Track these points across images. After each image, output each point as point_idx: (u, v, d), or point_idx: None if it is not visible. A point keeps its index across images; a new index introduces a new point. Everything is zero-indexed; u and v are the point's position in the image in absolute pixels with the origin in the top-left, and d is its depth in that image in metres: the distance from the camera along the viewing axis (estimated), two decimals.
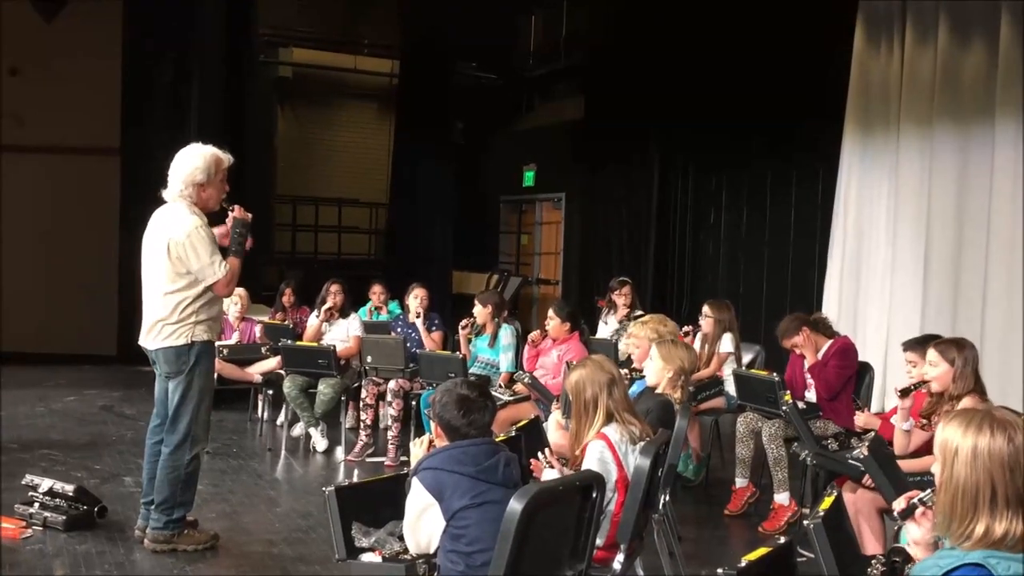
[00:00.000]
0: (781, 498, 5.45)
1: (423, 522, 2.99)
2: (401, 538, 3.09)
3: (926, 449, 4.29)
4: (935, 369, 4.31)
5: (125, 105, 10.64)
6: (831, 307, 8.15)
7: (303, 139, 14.62)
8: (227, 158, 4.75)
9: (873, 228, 7.94)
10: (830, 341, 5.73)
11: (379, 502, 3.32)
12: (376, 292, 8.24)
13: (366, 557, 3.10)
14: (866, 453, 3.99)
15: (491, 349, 6.88)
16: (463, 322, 7.02)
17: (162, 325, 4.61)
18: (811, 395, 5.66)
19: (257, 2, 10.88)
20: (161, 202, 4.72)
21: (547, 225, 13.94)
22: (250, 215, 4.84)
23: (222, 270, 4.60)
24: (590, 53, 11.94)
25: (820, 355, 5.67)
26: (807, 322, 5.75)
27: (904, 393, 4.39)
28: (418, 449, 3.29)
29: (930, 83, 7.48)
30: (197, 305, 4.62)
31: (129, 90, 10.64)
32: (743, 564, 2.38)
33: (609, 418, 3.64)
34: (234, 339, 7.69)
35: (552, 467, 3.43)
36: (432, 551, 3.02)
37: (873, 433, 4.78)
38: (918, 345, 4.68)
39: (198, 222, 4.59)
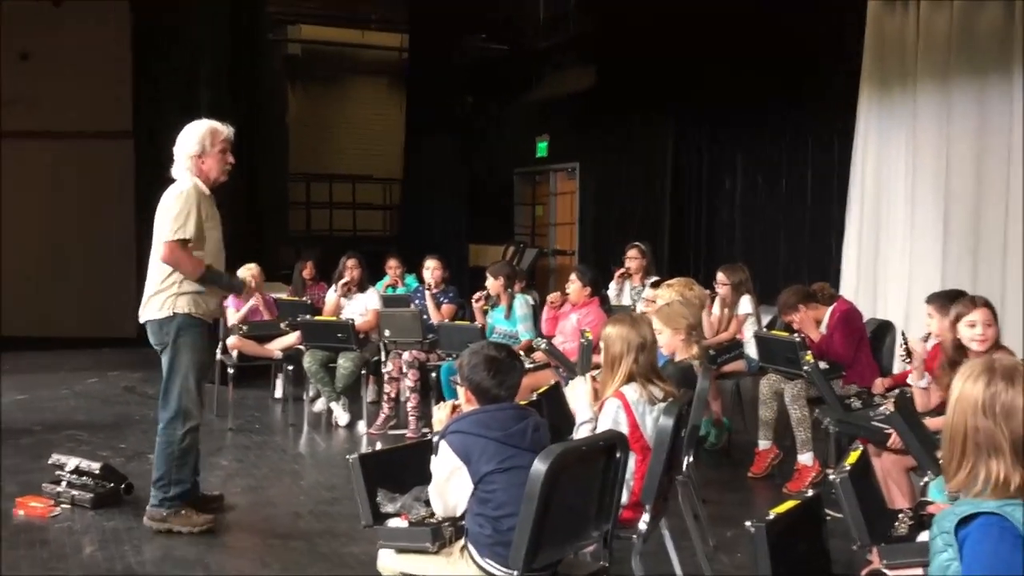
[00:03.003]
0: (805, 458, 5.44)
1: (451, 485, 2.99)
2: (427, 503, 3.09)
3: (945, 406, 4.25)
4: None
5: (136, 88, 10.65)
6: (850, 268, 8.09)
7: (314, 116, 14.59)
8: (225, 129, 4.72)
9: (891, 187, 7.85)
10: (830, 309, 5.68)
11: (403, 469, 3.32)
12: (392, 266, 8.23)
13: (392, 523, 3.11)
14: (892, 410, 3.96)
15: (507, 320, 6.87)
16: (476, 295, 7.02)
17: (148, 297, 4.62)
18: None
19: None
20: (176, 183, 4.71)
21: (562, 196, 13.88)
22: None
23: (177, 235, 4.46)
24: (600, 20, 11.81)
25: (824, 327, 5.63)
26: (804, 298, 5.68)
27: (907, 353, 4.35)
28: (441, 413, 3.28)
29: (947, 39, 7.36)
30: (180, 275, 4.55)
31: (140, 73, 10.64)
32: (771, 517, 2.37)
33: (630, 379, 3.64)
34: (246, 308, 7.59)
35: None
36: (459, 514, 3.03)
37: (898, 390, 4.74)
38: (938, 299, 4.62)
39: (185, 187, 4.56)
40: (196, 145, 4.64)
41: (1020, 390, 2.13)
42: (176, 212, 4.50)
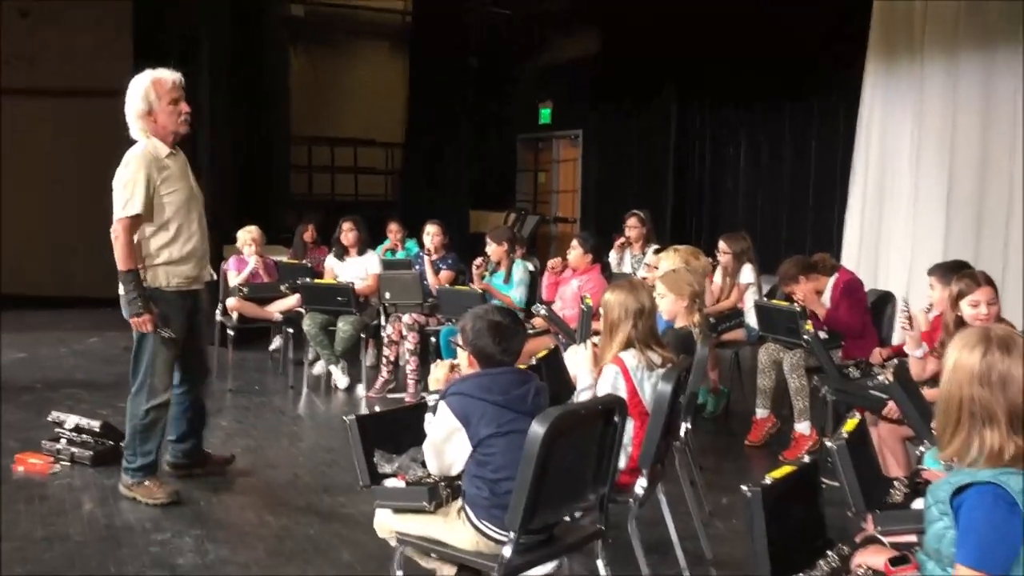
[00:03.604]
0: (802, 427, 5.46)
1: (448, 446, 3.00)
2: (423, 464, 3.10)
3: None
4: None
5: (137, 47, 10.54)
6: (852, 238, 8.07)
7: (316, 80, 14.44)
8: (170, 77, 4.40)
9: (896, 158, 7.81)
10: (832, 280, 5.66)
11: (400, 431, 3.33)
12: (393, 230, 8.21)
13: (389, 483, 3.12)
14: (890, 379, 3.96)
15: (507, 286, 6.86)
16: (477, 261, 7.00)
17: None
18: None
19: None
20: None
21: (564, 163, 13.82)
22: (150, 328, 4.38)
23: (125, 211, 4.26)
24: None
25: (827, 299, 5.61)
26: (804, 269, 5.64)
27: (909, 321, 4.34)
28: (439, 372, 3.28)
29: (955, 11, 7.29)
30: (149, 247, 4.37)
31: (140, 32, 10.53)
32: (767, 482, 2.38)
33: (629, 345, 3.64)
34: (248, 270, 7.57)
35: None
36: (454, 473, 3.04)
37: (896, 360, 4.74)
38: (940, 270, 4.60)
39: (133, 154, 4.35)
40: (141, 102, 4.37)
41: (1017, 359, 2.13)
42: (122, 185, 4.29)
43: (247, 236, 7.53)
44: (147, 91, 4.39)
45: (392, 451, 3.22)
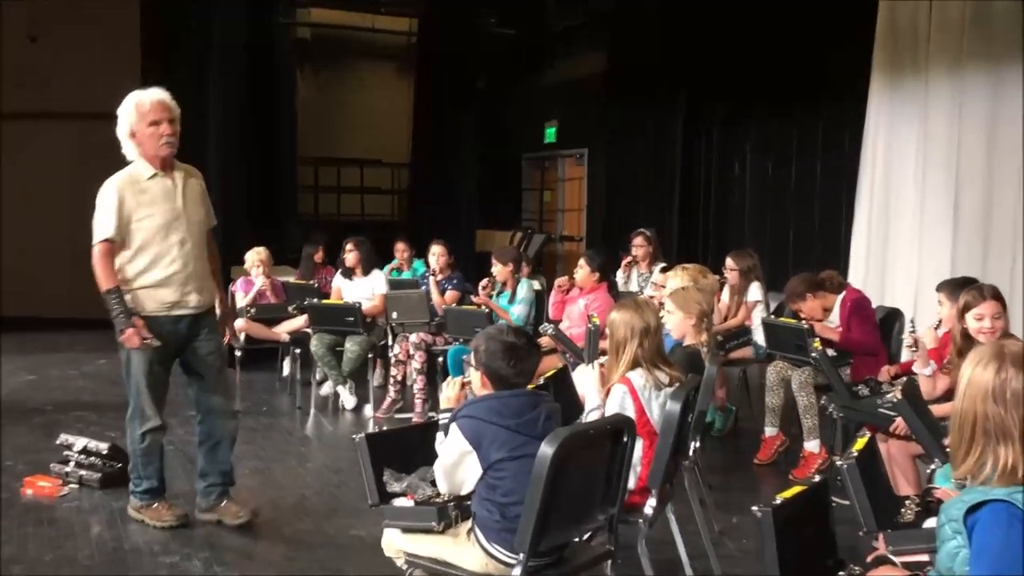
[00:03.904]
0: (811, 445, 5.43)
1: (459, 468, 2.98)
2: (433, 483, 3.09)
3: (952, 393, 4.23)
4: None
5: (145, 69, 10.61)
6: (859, 256, 8.05)
7: (323, 100, 14.53)
8: (150, 98, 4.28)
9: (902, 174, 7.80)
10: (839, 298, 5.65)
11: (409, 449, 3.34)
12: (400, 249, 8.23)
13: (398, 502, 3.11)
14: (899, 397, 3.95)
15: (510, 305, 6.87)
16: (483, 283, 7.00)
17: None
18: None
19: None
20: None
21: (570, 181, 13.85)
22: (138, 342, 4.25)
23: (98, 236, 4.25)
24: (612, 4, 11.75)
25: (835, 317, 5.60)
26: (812, 286, 5.64)
27: (914, 343, 4.33)
28: (450, 391, 3.26)
29: (959, 26, 7.30)
30: (126, 272, 4.30)
31: (149, 55, 10.60)
32: (778, 502, 2.37)
33: (636, 364, 3.64)
34: (255, 290, 7.60)
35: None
36: (464, 493, 3.03)
37: (906, 377, 4.72)
38: (949, 287, 4.60)
39: (111, 178, 4.30)
40: (124, 124, 4.31)
41: None
42: (97, 210, 4.26)
43: (255, 257, 7.57)
44: (129, 113, 4.31)
45: (401, 470, 3.22)
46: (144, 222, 4.28)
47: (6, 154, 10.43)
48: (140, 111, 4.29)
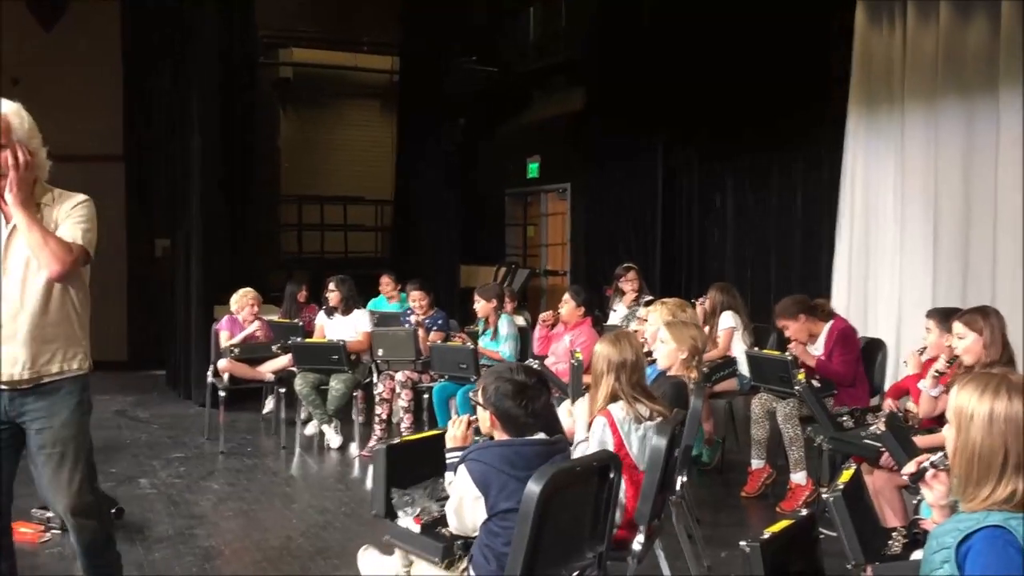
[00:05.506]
0: (798, 477, 5.44)
1: (468, 511, 2.96)
2: (439, 500, 3.09)
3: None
4: (964, 341, 4.23)
5: (127, 111, 10.65)
6: (840, 287, 8.11)
7: (306, 139, 14.61)
8: None
9: (881, 206, 7.89)
10: (827, 325, 5.70)
11: (419, 460, 3.38)
12: (385, 283, 8.25)
13: (403, 521, 3.09)
14: (883, 428, 3.97)
15: (494, 342, 6.88)
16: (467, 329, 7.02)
17: None
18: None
19: (255, 3, 10.87)
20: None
21: (553, 216, 13.92)
22: None
23: None
24: (590, 43, 11.89)
25: (820, 345, 5.64)
26: (806, 308, 5.70)
27: (921, 352, 4.38)
28: (456, 430, 3.21)
29: (933, 59, 7.43)
30: None
31: (130, 96, 10.65)
32: (766, 536, 2.37)
33: (615, 397, 3.65)
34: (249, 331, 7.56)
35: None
36: (475, 534, 3.00)
37: (888, 410, 4.75)
38: (938, 315, 4.66)
39: None
40: None
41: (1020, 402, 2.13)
42: None
43: (246, 299, 7.49)
44: None
45: (415, 481, 3.24)
46: None
47: None
48: None
